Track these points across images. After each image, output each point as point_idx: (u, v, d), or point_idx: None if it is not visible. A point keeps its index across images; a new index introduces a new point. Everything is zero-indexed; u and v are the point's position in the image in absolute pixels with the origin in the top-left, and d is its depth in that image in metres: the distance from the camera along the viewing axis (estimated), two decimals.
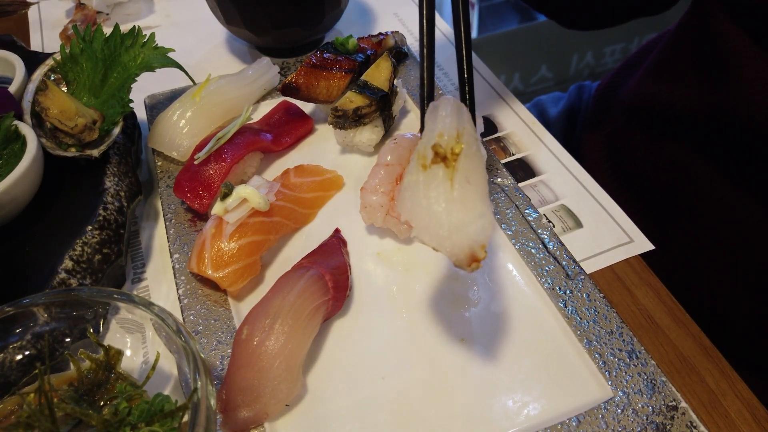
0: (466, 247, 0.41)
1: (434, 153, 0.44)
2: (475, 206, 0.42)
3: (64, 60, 0.66)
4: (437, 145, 0.44)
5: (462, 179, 0.43)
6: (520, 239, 0.62)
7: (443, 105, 0.47)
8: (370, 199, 0.61)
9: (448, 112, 0.46)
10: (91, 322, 0.49)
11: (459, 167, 0.43)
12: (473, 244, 0.41)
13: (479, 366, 0.53)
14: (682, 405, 0.49)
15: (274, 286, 0.54)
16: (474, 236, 0.41)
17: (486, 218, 0.42)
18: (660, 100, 0.76)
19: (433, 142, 0.44)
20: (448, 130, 0.45)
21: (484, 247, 0.41)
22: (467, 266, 0.41)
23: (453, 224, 0.41)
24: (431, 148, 0.44)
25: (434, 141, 0.44)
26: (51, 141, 0.61)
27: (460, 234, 0.41)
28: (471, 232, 0.41)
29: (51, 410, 0.39)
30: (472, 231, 0.41)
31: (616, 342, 0.53)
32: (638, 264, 0.62)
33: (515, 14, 2.16)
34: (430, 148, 0.44)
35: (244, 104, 0.73)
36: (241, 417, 0.48)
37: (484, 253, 0.41)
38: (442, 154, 0.43)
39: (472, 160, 0.44)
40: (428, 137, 0.46)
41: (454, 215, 0.42)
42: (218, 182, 0.63)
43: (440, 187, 0.43)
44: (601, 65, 2.06)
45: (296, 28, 0.83)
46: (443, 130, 0.45)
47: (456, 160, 0.43)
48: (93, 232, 0.57)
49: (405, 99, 0.79)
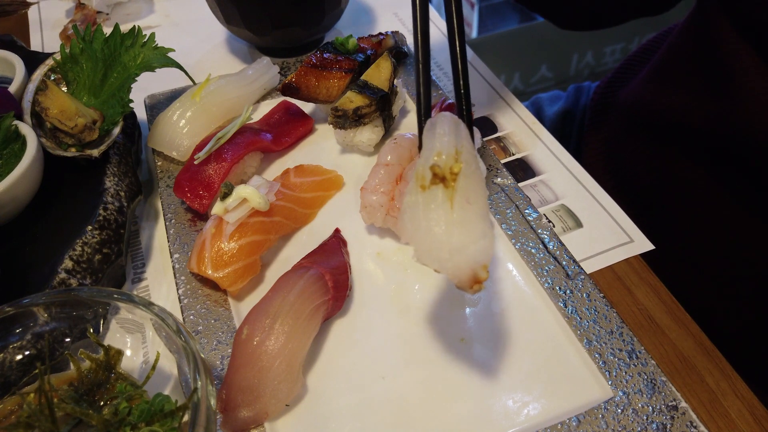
0: (467, 269, 0.41)
1: (433, 174, 0.43)
2: (475, 227, 0.42)
3: (64, 60, 0.66)
4: (435, 165, 0.43)
5: (462, 200, 0.42)
6: (520, 239, 0.62)
7: (440, 123, 0.47)
8: (370, 199, 0.61)
9: (446, 131, 0.46)
10: (91, 322, 0.49)
11: (458, 187, 0.43)
12: (475, 265, 0.41)
13: (479, 366, 0.53)
14: (682, 405, 0.49)
15: (274, 286, 0.54)
16: (475, 257, 0.41)
17: (487, 238, 0.42)
18: (660, 107, 0.76)
19: (431, 162, 0.44)
20: (446, 149, 0.44)
21: (485, 268, 0.41)
22: (469, 288, 0.41)
23: (454, 246, 0.41)
24: (429, 168, 0.43)
25: (432, 161, 0.44)
26: (51, 141, 0.62)
27: (461, 256, 0.41)
28: (472, 253, 0.41)
29: (51, 410, 0.39)
30: (473, 252, 0.41)
31: (616, 342, 0.53)
32: (638, 264, 0.62)
33: (515, 14, 2.16)
34: (428, 168, 0.43)
35: (244, 104, 0.73)
36: (241, 417, 0.48)
37: (486, 274, 0.41)
38: (441, 174, 0.43)
39: (472, 179, 0.44)
40: (426, 156, 0.45)
41: (455, 237, 0.41)
42: (218, 182, 0.63)
43: (440, 209, 0.42)
44: (601, 65, 2.06)
45: (296, 28, 0.83)
46: (441, 149, 0.44)
47: (455, 180, 0.43)
48: (93, 232, 0.57)
49: (405, 99, 0.79)
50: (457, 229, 0.42)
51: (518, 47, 1.95)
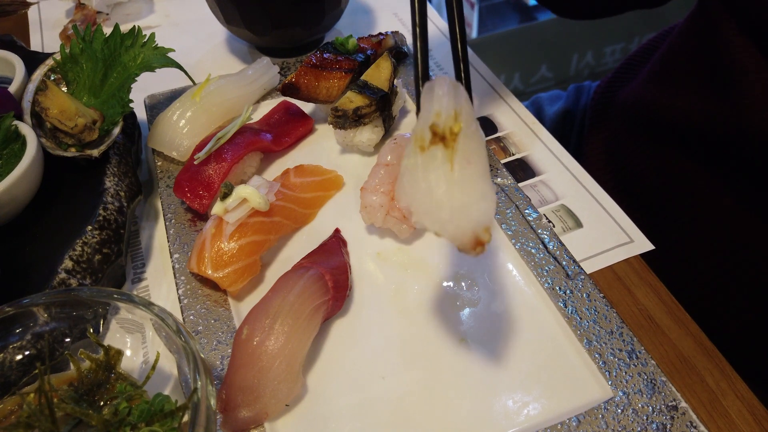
0: (469, 231, 0.39)
1: (432, 133, 0.42)
2: (476, 187, 0.41)
3: (64, 60, 0.66)
4: (435, 125, 0.42)
5: (462, 160, 0.41)
6: (520, 239, 0.62)
7: (439, 84, 0.45)
8: (370, 199, 0.61)
9: (445, 91, 0.44)
10: (91, 322, 0.49)
11: (458, 147, 0.41)
12: (476, 226, 0.39)
13: (479, 366, 0.53)
14: (682, 405, 0.49)
15: (274, 286, 0.54)
16: (477, 219, 0.40)
17: (489, 199, 0.41)
18: (661, 106, 0.76)
19: (431, 121, 0.42)
20: (445, 109, 0.43)
21: (488, 230, 0.40)
22: (472, 250, 0.40)
23: (455, 207, 0.40)
24: (429, 128, 0.42)
25: (431, 121, 0.42)
26: (51, 141, 0.61)
27: (462, 217, 0.40)
28: (474, 214, 0.40)
29: (51, 410, 0.39)
30: (474, 213, 0.40)
31: (616, 342, 0.53)
32: (638, 264, 0.62)
33: (515, 14, 2.17)
34: (427, 128, 0.42)
35: (244, 104, 0.73)
36: (241, 417, 0.48)
37: (488, 236, 0.40)
38: (441, 134, 0.42)
39: (472, 140, 0.42)
40: (425, 118, 0.43)
41: (456, 198, 0.40)
42: (218, 182, 0.63)
43: (440, 169, 0.41)
44: (601, 65, 2.06)
45: (296, 28, 0.83)
46: (440, 110, 0.43)
47: (455, 140, 0.41)
48: (93, 232, 0.57)
49: (405, 99, 0.79)
50: (458, 190, 0.40)
51: (518, 47, 1.95)
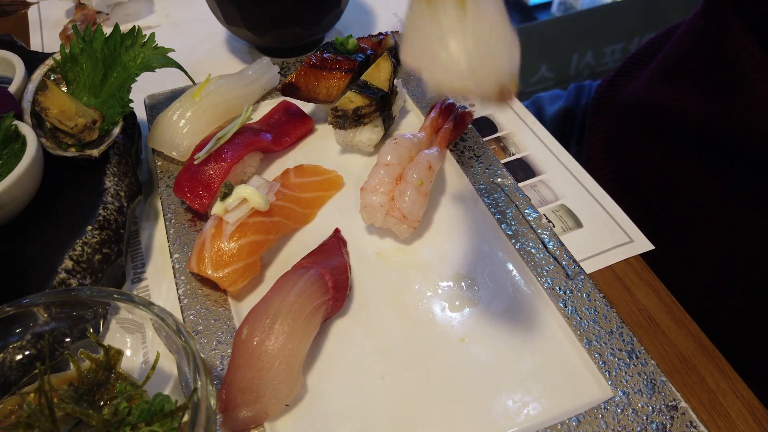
0: (492, 81, 0.34)
1: None
2: (495, 32, 0.35)
3: (64, 60, 0.66)
4: None
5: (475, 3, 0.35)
6: (520, 239, 0.62)
7: None
8: (370, 199, 0.61)
9: None
10: (91, 322, 0.49)
11: None
12: (501, 75, 0.34)
13: (479, 366, 0.53)
14: (682, 405, 0.49)
15: (274, 286, 0.54)
16: (500, 67, 0.34)
17: (511, 43, 0.35)
18: (664, 107, 0.76)
19: None
20: None
21: (514, 80, 0.35)
22: (498, 100, 0.35)
23: (473, 56, 0.34)
24: None
25: None
26: (51, 141, 0.61)
27: (483, 67, 0.34)
28: (496, 62, 0.35)
29: (51, 410, 0.39)
30: (497, 61, 0.35)
31: (616, 342, 0.53)
32: (638, 264, 0.62)
33: (515, 14, 2.17)
34: None
35: (244, 104, 0.73)
36: (241, 417, 0.48)
37: (515, 86, 0.35)
38: None
39: None
40: None
41: (474, 45, 0.35)
42: (218, 182, 0.63)
43: (451, 16, 0.35)
44: (601, 65, 2.06)
45: (296, 28, 0.83)
46: None
47: None
48: (93, 232, 0.57)
49: (405, 99, 0.79)
50: (474, 36, 0.35)
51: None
